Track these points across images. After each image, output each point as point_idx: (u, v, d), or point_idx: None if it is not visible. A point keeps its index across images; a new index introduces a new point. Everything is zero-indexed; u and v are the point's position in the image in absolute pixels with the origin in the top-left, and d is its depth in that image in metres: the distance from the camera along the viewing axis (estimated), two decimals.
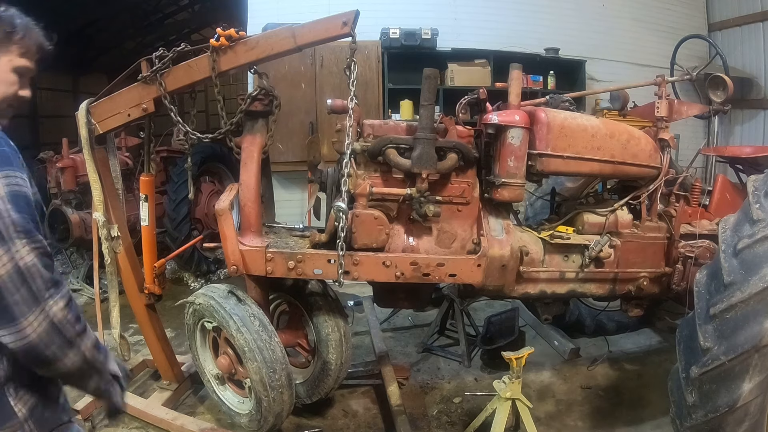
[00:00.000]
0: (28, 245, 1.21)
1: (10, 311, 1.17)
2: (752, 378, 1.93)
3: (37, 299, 1.19)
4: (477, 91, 2.75)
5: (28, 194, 1.27)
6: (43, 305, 1.20)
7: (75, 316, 1.25)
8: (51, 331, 1.20)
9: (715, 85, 3.08)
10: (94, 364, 1.31)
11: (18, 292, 1.18)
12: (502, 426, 2.59)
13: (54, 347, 1.22)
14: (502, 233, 2.58)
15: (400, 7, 6.45)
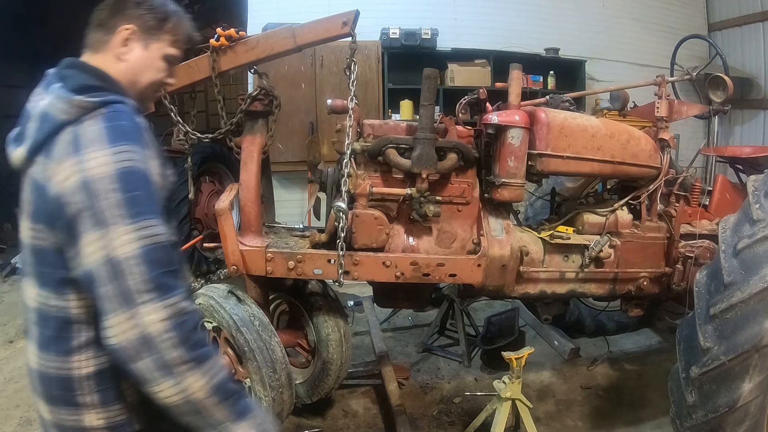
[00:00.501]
0: (132, 233, 1.05)
1: (101, 305, 1.06)
2: (752, 378, 1.93)
3: (128, 300, 1.03)
4: (477, 91, 2.75)
5: (146, 172, 1.12)
6: (134, 310, 1.03)
7: (182, 338, 1.05)
8: (139, 344, 1.03)
9: (715, 85, 3.08)
10: (203, 413, 1.10)
11: (107, 286, 1.04)
12: (502, 426, 2.59)
13: (142, 364, 1.04)
14: (502, 233, 2.58)
15: (400, 7, 6.45)
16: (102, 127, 1.11)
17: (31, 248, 1.23)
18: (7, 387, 3.56)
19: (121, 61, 1.31)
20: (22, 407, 3.31)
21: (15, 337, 4.41)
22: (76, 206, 1.07)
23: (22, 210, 1.26)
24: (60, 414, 1.21)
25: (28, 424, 3.14)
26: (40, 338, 1.23)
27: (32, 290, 1.24)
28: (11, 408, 3.31)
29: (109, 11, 1.32)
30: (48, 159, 1.14)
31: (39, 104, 1.21)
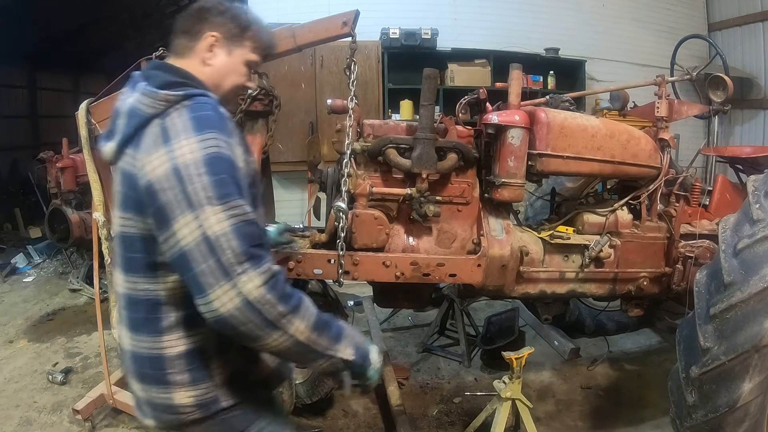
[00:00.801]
0: (222, 212, 1.14)
1: (198, 282, 1.13)
2: (752, 378, 1.93)
3: (227, 273, 1.12)
4: (477, 91, 2.74)
5: (231, 157, 1.21)
6: (235, 281, 1.12)
7: (279, 296, 1.16)
8: (245, 309, 1.12)
9: (715, 85, 3.08)
10: (312, 346, 1.23)
11: (205, 263, 1.12)
12: (502, 426, 2.59)
13: (250, 325, 1.14)
14: (502, 233, 2.58)
15: (400, 7, 6.45)
16: (188, 118, 1.20)
17: (121, 236, 1.31)
18: (7, 387, 3.56)
19: (206, 66, 1.40)
20: (22, 407, 3.31)
21: (15, 337, 4.41)
22: (169, 192, 1.15)
23: (113, 200, 1.35)
24: (151, 392, 1.31)
25: (28, 424, 3.14)
26: (131, 321, 1.32)
27: (120, 277, 1.34)
28: (11, 408, 3.31)
29: (193, 19, 1.42)
30: (137, 150, 1.22)
31: (126, 102, 1.29)
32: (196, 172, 1.14)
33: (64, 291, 5.48)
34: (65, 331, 4.49)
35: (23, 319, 4.79)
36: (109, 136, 1.33)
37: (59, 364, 3.87)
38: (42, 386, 3.57)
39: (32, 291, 5.56)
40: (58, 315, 4.92)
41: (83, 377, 3.71)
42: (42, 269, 6.26)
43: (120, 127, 1.28)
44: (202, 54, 1.40)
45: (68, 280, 5.64)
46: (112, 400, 3.07)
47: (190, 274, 1.14)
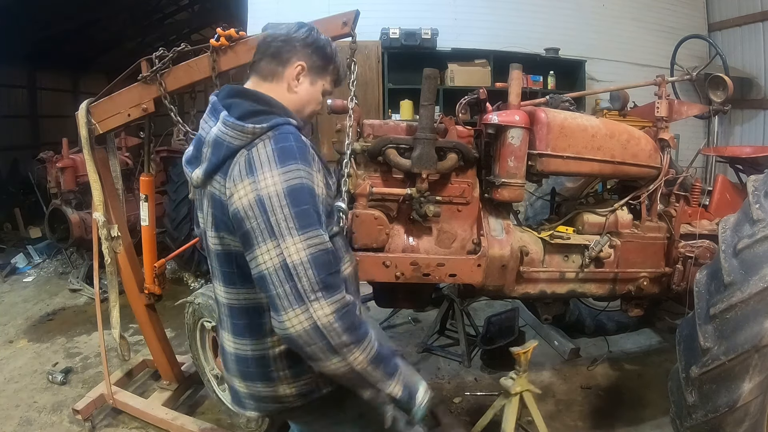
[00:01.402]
0: (302, 242, 1.24)
1: (274, 302, 1.25)
2: (752, 378, 1.93)
3: (302, 299, 1.22)
4: (477, 91, 2.74)
5: (312, 187, 1.31)
6: (308, 306, 1.22)
7: (346, 327, 1.25)
8: (313, 333, 1.23)
9: (715, 85, 3.07)
10: (365, 378, 1.32)
11: (282, 287, 1.23)
12: (513, 421, 2.60)
13: (314, 347, 1.24)
14: (502, 233, 2.58)
15: (400, 7, 6.46)
16: (272, 150, 1.29)
17: (215, 253, 1.44)
18: (7, 387, 3.56)
19: (292, 93, 1.51)
20: (22, 407, 3.31)
21: (15, 337, 4.41)
22: (252, 221, 1.26)
23: (204, 221, 1.47)
24: (256, 387, 1.46)
25: (28, 424, 3.14)
26: (234, 327, 1.47)
27: (220, 288, 1.48)
28: (11, 408, 3.31)
29: (285, 46, 1.51)
30: (226, 178, 1.33)
31: (211, 132, 1.38)
32: (278, 203, 1.24)
33: (64, 291, 5.48)
34: (65, 331, 4.49)
35: (23, 319, 4.79)
36: (193, 162, 1.45)
37: (59, 364, 3.87)
38: (42, 386, 3.57)
39: (32, 291, 5.56)
40: (58, 315, 4.92)
41: (83, 377, 3.71)
42: (42, 269, 6.26)
43: (206, 155, 1.38)
44: (290, 81, 1.50)
45: (68, 280, 5.64)
46: (112, 400, 3.07)
47: (268, 293, 1.27)
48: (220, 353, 1.62)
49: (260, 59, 1.52)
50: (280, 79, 1.51)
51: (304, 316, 1.22)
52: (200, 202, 1.50)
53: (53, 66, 11.49)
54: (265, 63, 1.51)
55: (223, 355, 1.55)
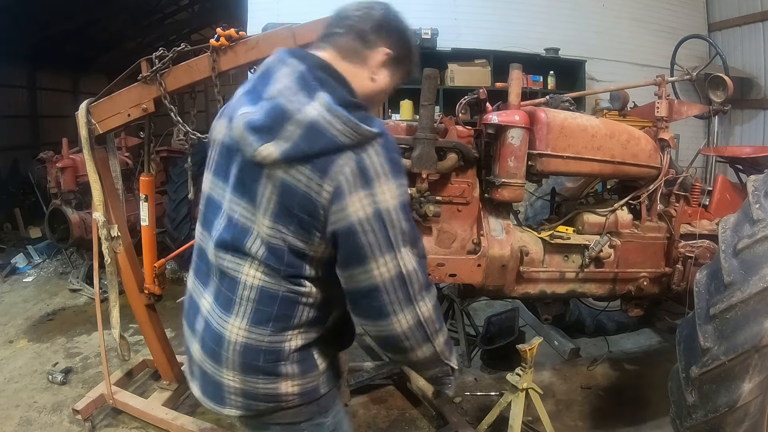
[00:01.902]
0: (412, 251, 1.29)
1: (385, 309, 1.27)
2: (752, 378, 1.93)
3: (411, 301, 1.28)
4: (477, 91, 2.74)
5: (409, 200, 1.36)
6: (415, 306, 1.29)
7: (438, 315, 1.35)
8: (415, 327, 1.31)
9: (715, 85, 3.07)
10: (440, 357, 1.42)
11: (395, 294, 1.26)
12: (520, 417, 2.62)
13: (413, 340, 1.33)
14: (502, 233, 2.58)
15: (400, 7, 6.33)
16: (385, 160, 1.23)
17: (268, 244, 1.28)
18: (7, 387, 3.56)
19: (372, 81, 1.40)
20: (22, 407, 3.31)
21: (15, 337, 4.41)
22: (370, 234, 1.22)
23: (258, 205, 1.27)
24: (255, 382, 1.35)
25: (28, 424, 3.14)
26: (256, 314, 1.32)
27: (255, 271, 1.31)
28: (11, 408, 3.31)
29: (374, 26, 1.38)
30: (320, 175, 1.19)
31: (306, 111, 1.20)
32: (396, 217, 1.25)
33: (64, 291, 5.48)
34: (65, 331, 4.49)
35: (23, 319, 4.79)
36: (263, 133, 1.23)
37: (59, 364, 3.87)
38: (42, 386, 3.57)
39: (32, 291, 5.56)
40: (58, 315, 4.92)
41: (83, 377, 3.71)
42: (42, 269, 6.26)
43: (292, 136, 1.20)
44: (372, 68, 1.39)
45: (68, 280, 5.64)
46: (112, 400, 3.07)
47: (376, 303, 1.27)
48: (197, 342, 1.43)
49: (340, 33, 1.36)
50: (363, 63, 1.37)
51: (410, 315, 1.28)
52: (242, 175, 1.29)
53: (53, 66, 11.49)
54: (347, 39, 1.36)
55: (220, 344, 1.36)
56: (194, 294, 1.49)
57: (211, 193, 1.45)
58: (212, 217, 1.42)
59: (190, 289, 1.53)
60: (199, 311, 1.44)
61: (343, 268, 1.27)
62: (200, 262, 1.48)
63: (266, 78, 1.33)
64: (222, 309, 1.36)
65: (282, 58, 1.34)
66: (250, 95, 1.35)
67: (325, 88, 1.25)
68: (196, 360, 1.43)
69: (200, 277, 1.47)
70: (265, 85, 1.32)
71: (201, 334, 1.42)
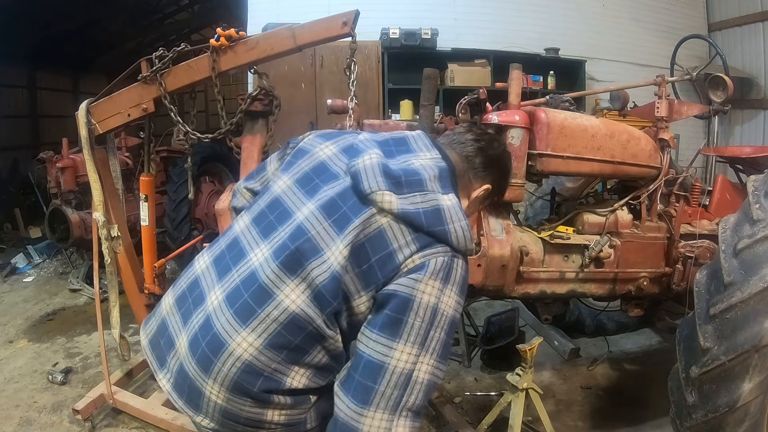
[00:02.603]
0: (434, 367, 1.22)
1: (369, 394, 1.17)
2: (752, 378, 1.93)
3: (397, 409, 1.18)
4: (477, 91, 2.74)
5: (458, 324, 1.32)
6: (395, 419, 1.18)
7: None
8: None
9: (715, 85, 3.07)
10: None
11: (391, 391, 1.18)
12: (520, 416, 2.62)
13: None
14: (502, 233, 2.58)
15: (400, 7, 6.46)
16: (461, 275, 1.25)
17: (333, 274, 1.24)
18: (7, 387, 3.56)
19: (466, 209, 1.41)
20: (22, 407, 3.31)
21: (15, 337, 4.40)
22: (416, 321, 1.19)
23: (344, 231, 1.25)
24: (239, 404, 1.24)
25: (28, 424, 3.14)
26: (276, 337, 1.24)
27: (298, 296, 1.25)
28: (11, 408, 3.30)
29: (486, 161, 1.43)
30: (416, 246, 1.22)
31: (439, 198, 1.26)
32: (443, 324, 1.21)
33: (64, 291, 5.48)
34: (65, 331, 4.49)
35: (23, 319, 4.79)
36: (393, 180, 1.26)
37: (59, 364, 3.87)
38: (42, 386, 3.57)
39: (32, 291, 5.56)
40: (58, 315, 4.91)
41: (83, 377, 3.71)
42: (42, 269, 6.26)
43: (417, 203, 1.24)
44: (471, 197, 1.43)
45: (68, 280, 5.64)
46: (112, 400, 3.07)
47: (368, 383, 1.18)
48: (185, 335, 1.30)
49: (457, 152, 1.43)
50: (465, 189, 1.42)
51: (385, 424, 1.17)
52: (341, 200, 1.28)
53: (53, 66, 11.48)
54: (461, 163, 1.41)
55: (209, 350, 1.25)
56: (203, 280, 1.37)
57: (282, 196, 1.39)
58: (276, 222, 1.35)
59: (199, 271, 1.41)
60: (203, 303, 1.32)
61: (373, 328, 1.21)
62: (227, 252, 1.39)
63: (404, 145, 1.39)
64: (236, 315, 1.25)
65: (426, 143, 1.40)
66: (383, 147, 1.38)
67: (455, 193, 1.31)
68: (179, 353, 1.30)
69: (219, 267, 1.37)
70: (401, 151, 1.37)
71: (196, 330, 1.29)
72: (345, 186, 1.30)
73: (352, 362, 1.25)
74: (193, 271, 1.42)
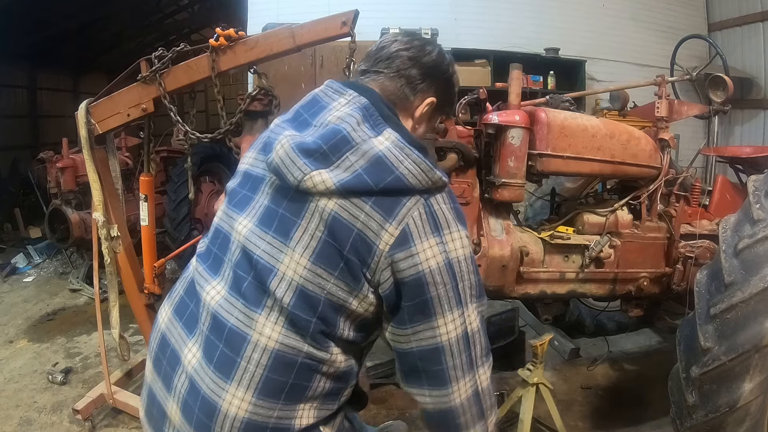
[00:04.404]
0: (478, 308, 1.15)
1: (446, 375, 1.11)
2: (753, 378, 1.93)
3: (473, 365, 1.13)
4: (477, 91, 2.74)
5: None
6: (476, 372, 1.14)
7: (493, 387, 1.19)
8: (473, 399, 1.14)
9: (715, 85, 3.07)
10: None
11: (459, 357, 1.11)
12: (530, 411, 2.63)
13: (468, 415, 1.15)
14: (502, 233, 2.58)
15: (400, 7, 6.46)
16: (452, 208, 1.15)
17: (299, 289, 1.09)
18: (7, 387, 3.56)
19: (414, 131, 1.28)
20: (22, 407, 3.31)
21: (15, 337, 4.40)
22: (441, 287, 1.08)
23: (292, 238, 1.10)
24: None
25: (28, 424, 3.14)
26: (266, 384, 1.08)
27: (272, 329, 1.09)
28: (11, 408, 3.30)
29: (424, 72, 1.25)
30: (381, 213, 1.06)
31: (372, 144, 1.09)
32: (466, 269, 1.12)
33: (64, 291, 5.48)
34: (65, 331, 4.49)
35: (23, 319, 4.79)
36: (317, 158, 1.09)
37: (59, 364, 3.87)
38: (42, 386, 3.57)
39: (32, 291, 5.56)
40: (58, 315, 4.91)
41: (83, 377, 3.71)
42: (42, 269, 6.26)
43: (354, 166, 1.07)
44: (416, 117, 1.27)
45: (68, 280, 5.64)
46: (112, 400, 3.07)
47: (437, 366, 1.10)
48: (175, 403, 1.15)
49: (386, 74, 1.24)
50: (407, 111, 1.25)
51: (470, 383, 1.12)
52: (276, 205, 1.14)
53: (53, 66, 11.49)
54: (396, 84, 1.23)
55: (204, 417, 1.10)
56: (171, 336, 1.23)
57: (220, 225, 1.26)
58: (220, 253, 1.22)
59: (164, 327, 1.26)
60: (179, 364, 1.17)
61: (404, 325, 1.10)
62: (188, 300, 1.24)
63: (315, 106, 1.22)
64: (217, 371, 1.10)
65: (336, 88, 1.22)
66: (294, 122, 1.21)
67: (391, 125, 1.13)
68: (174, 423, 1.15)
69: (183, 319, 1.23)
70: (314, 113, 1.20)
71: (183, 395, 1.14)
72: (274, 188, 1.16)
73: (402, 366, 1.16)
74: (158, 327, 1.28)
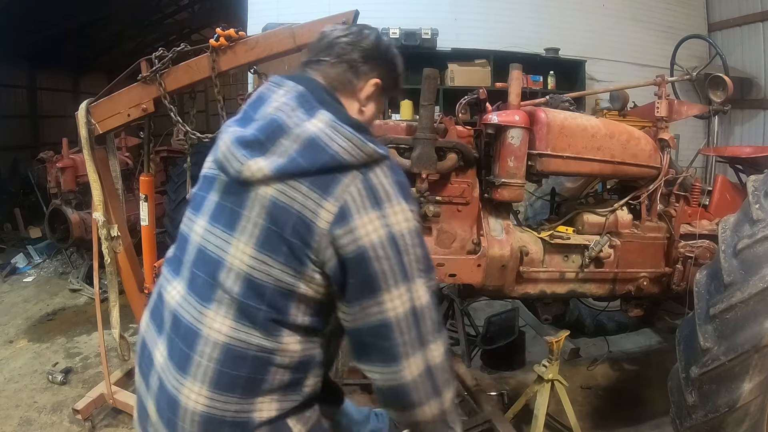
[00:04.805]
0: (426, 284, 1.14)
1: (395, 351, 1.11)
2: (752, 378, 1.93)
3: (423, 343, 1.13)
4: (477, 91, 2.74)
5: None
6: (425, 349, 1.13)
7: (448, 363, 1.18)
8: (425, 375, 1.14)
9: (715, 85, 3.07)
10: (446, 419, 1.21)
11: (408, 333, 1.11)
12: (544, 407, 2.66)
13: (422, 392, 1.15)
14: (502, 233, 2.58)
15: (400, 7, 6.46)
16: (394, 181, 1.13)
17: (246, 277, 1.11)
18: (7, 387, 3.56)
19: (361, 114, 1.29)
20: (22, 407, 3.31)
21: (15, 337, 4.41)
22: (384, 261, 1.08)
23: (239, 231, 1.13)
24: None
25: (28, 424, 3.14)
26: (220, 378, 1.11)
27: (225, 322, 1.12)
28: (11, 408, 3.31)
29: (364, 55, 1.26)
30: (318, 192, 1.07)
31: (305, 126, 1.11)
32: (411, 243, 1.11)
33: (64, 291, 5.48)
34: (65, 331, 4.49)
35: (23, 319, 4.79)
36: (255, 147, 1.12)
37: (59, 364, 3.87)
38: (42, 386, 3.57)
39: (32, 291, 5.56)
40: (58, 315, 4.92)
41: (83, 377, 3.71)
42: (42, 269, 6.26)
43: (288, 150, 1.09)
44: (362, 100, 1.28)
45: (68, 280, 5.64)
46: (112, 400, 3.07)
47: (386, 343, 1.11)
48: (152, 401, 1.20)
49: (328, 62, 1.25)
50: (353, 95, 1.27)
51: (421, 360, 1.12)
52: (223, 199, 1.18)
53: (53, 66, 11.49)
54: (337, 69, 1.25)
55: (170, 412, 1.13)
56: (147, 339, 1.28)
57: (183, 228, 1.30)
58: (180, 255, 1.27)
59: (143, 332, 1.32)
60: (152, 364, 1.22)
61: (351, 302, 1.11)
62: (159, 303, 1.29)
63: (258, 102, 1.24)
64: (177, 367, 1.14)
65: (277, 81, 1.24)
66: (240, 120, 1.24)
67: (326, 107, 1.16)
68: (152, 421, 1.20)
69: (155, 321, 1.28)
70: (257, 108, 1.22)
71: (156, 393, 1.19)
72: (222, 184, 1.20)
73: (354, 343, 1.17)
74: (140, 331, 1.35)
